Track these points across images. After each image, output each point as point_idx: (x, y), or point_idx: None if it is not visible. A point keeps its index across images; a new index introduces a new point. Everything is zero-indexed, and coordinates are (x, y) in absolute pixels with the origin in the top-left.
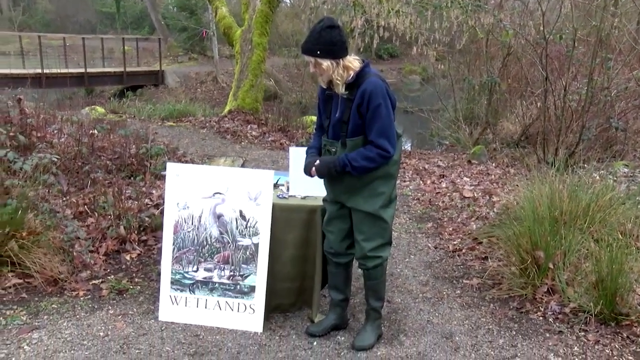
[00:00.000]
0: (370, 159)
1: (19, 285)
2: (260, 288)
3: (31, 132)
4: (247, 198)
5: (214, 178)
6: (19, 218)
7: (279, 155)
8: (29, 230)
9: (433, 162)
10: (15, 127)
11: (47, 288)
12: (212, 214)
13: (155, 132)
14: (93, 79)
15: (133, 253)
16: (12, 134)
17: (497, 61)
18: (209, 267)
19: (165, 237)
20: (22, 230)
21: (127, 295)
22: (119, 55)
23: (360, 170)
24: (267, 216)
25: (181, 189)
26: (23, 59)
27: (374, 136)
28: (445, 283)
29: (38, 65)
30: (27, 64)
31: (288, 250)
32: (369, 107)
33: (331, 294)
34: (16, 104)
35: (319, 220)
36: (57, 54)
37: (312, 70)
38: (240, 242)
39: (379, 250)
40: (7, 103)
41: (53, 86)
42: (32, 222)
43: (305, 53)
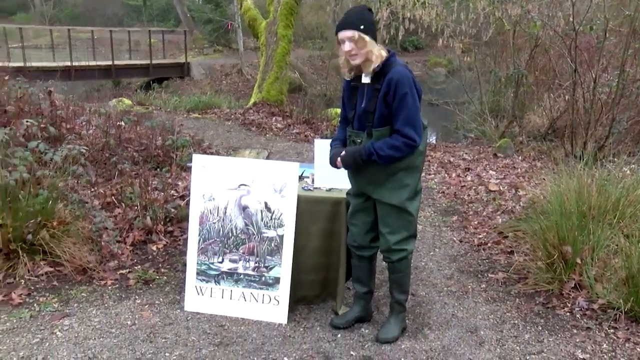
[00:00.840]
0: (396, 147)
1: (51, 274)
2: (284, 280)
3: (61, 124)
4: (272, 190)
5: (240, 170)
6: (50, 208)
7: (303, 148)
8: (59, 220)
9: (458, 155)
10: (46, 118)
11: (76, 277)
12: (237, 205)
13: (180, 124)
14: (120, 71)
15: (159, 244)
16: (43, 126)
17: (524, 53)
18: (234, 258)
19: (191, 228)
20: (52, 219)
21: (153, 285)
22: (145, 47)
23: (386, 159)
24: (292, 208)
25: (207, 181)
26: (53, 52)
27: (400, 125)
28: (470, 277)
29: (67, 58)
30: (57, 57)
31: (313, 242)
32: (396, 96)
33: (355, 287)
34: (47, 96)
35: (344, 212)
36: (85, 46)
37: (346, 49)
38: (265, 234)
39: (403, 243)
40: (39, 95)
41: (81, 78)
42: (62, 212)
43: (348, 27)
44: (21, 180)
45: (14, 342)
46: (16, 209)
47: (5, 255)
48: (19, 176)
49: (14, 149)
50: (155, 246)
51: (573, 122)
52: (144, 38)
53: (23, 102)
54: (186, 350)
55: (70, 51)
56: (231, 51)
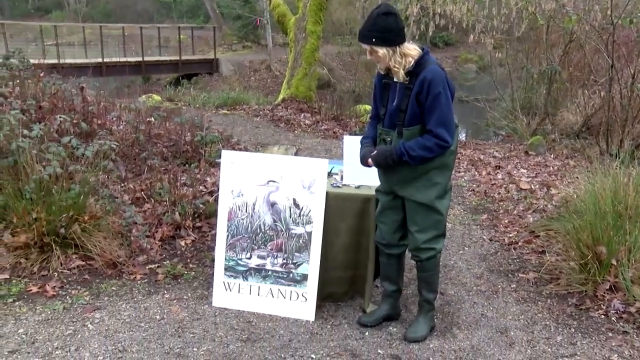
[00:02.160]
0: (428, 148)
1: (82, 267)
2: (312, 276)
3: (92, 120)
4: (300, 186)
5: (268, 166)
6: (82, 202)
7: (332, 144)
8: (90, 215)
9: (489, 152)
10: (78, 114)
11: (107, 270)
12: (266, 201)
13: (209, 120)
14: (150, 68)
15: (188, 239)
16: (76, 121)
17: (558, 49)
18: (262, 254)
19: (220, 224)
20: (84, 214)
21: (181, 281)
22: (175, 44)
23: (418, 160)
24: (320, 205)
25: (236, 177)
26: (85, 49)
27: (433, 125)
28: (500, 276)
29: (99, 54)
30: (89, 53)
31: (341, 239)
32: (429, 95)
33: (383, 285)
34: (79, 92)
35: (373, 209)
36: (116, 43)
37: (369, 57)
38: (294, 231)
39: (432, 242)
40: (72, 91)
41: (112, 74)
42: (93, 207)
43: (361, 41)
44: (54, 175)
45: (49, 333)
46: (50, 203)
47: (40, 248)
48: (52, 171)
49: (48, 144)
50: (184, 241)
51: (609, 119)
52: (174, 34)
53: (57, 98)
54: (214, 346)
55: (102, 48)
56: (260, 47)
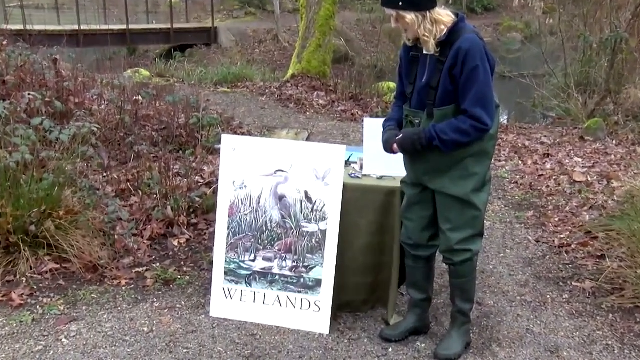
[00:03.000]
0: (463, 131)
1: (56, 271)
2: (327, 282)
3: (68, 98)
4: (313, 177)
5: (276, 153)
6: (56, 195)
7: (350, 128)
8: (66, 209)
9: (535, 138)
10: (51, 91)
11: (85, 275)
12: (273, 194)
13: (207, 99)
14: (136, 37)
15: (181, 238)
16: (48, 100)
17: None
18: (269, 256)
19: (219, 221)
20: (59, 208)
21: (174, 287)
22: (166, 9)
23: (450, 145)
24: (336, 198)
25: (238, 165)
26: (58, 14)
27: (469, 104)
28: (549, 285)
29: (74, 20)
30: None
31: (361, 238)
32: (464, 69)
33: (410, 293)
34: (52, 65)
35: (398, 204)
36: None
37: (394, 25)
38: (305, 228)
39: (468, 243)
40: (42, 64)
41: (91, 45)
42: (69, 200)
43: (385, 6)
44: (23, 163)
45: (14, 350)
46: (17, 196)
47: (5, 249)
48: (20, 158)
49: (15, 127)
50: (177, 241)
51: None
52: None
53: (24, 71)
54: None
55: (78, 12)
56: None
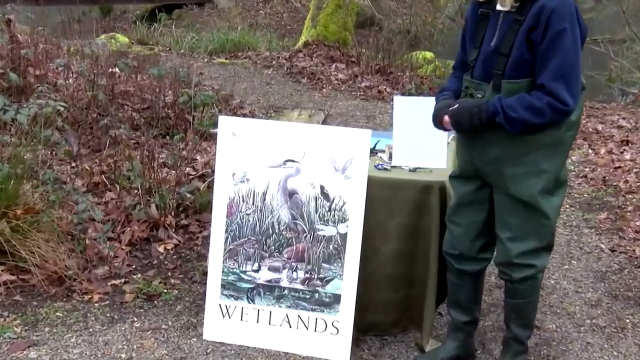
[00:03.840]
0: (537, 110)
1: (12, 284)
2: (348, 298)
3: (27, 69)
4: (331, 168)
5: (285, 139)
6: (12, 190)
7: (376, 108)
8: (25, 208)
9: (611, 120)
10: (4, 61)
11: (49, 288)
12: (281, 190)
13: (200, 72)
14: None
15: (168, 243)
16: (1, 71)
17: None
18: (276, 265)
19: (215, 222)
20: (15, 206)
21: (159, 303)
22: None
23: (518, 125)
24: (359, 195)
25: (238, 154)
26: None
27: (548, 78)
28: (628, 306)
29: None
30: None
31: (389, 244)
32: (547, 33)
33: (451, 313)
34: (4, 28)
35: (436, 202)
36: None
37: None
38: (321, 232)
39: (531, 257)
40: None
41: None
42: (29, 196)
43: None
44: None
45: None
46: None
47: None
48: None
49: None
50: (163, 247)
51: None
52: None
53: None
54: None
55: None
56: None
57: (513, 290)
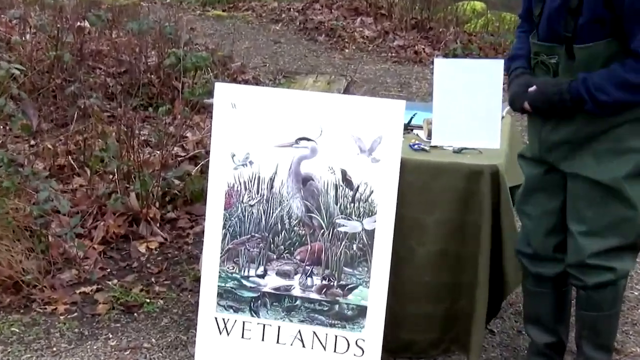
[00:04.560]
0: (634, 87)
1: None
2: (375, 311)
3: None
4: (355, 149)
5: (298, 112)
6: None
7: (412, 74)
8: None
9: None
10: None
11: (2, 297)
12: (293, 175)
13: (191, 27)
14: None
15: (152, 241)
16: None
17: None
18: (286, 269)
19: (211, 216)
20: None
21: (140, 315)
22: None
23: (610, 108)
24: (391, 182)
25: (239, 131)
26: None
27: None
28: None
29: None
30: None
31: (428, 245)
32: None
33: (529, 333)
34: None
35: (487, 192)
36: None
37: None
38: (343, 227)
39: (611, 258)
40: None
41: None
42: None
43: None
44: None
45: None
46: None
47: None
48: None
49: None
50: (145, 246)
51: None
52: None
53: None
54: None
55: None
56: None
57: (586, 300)
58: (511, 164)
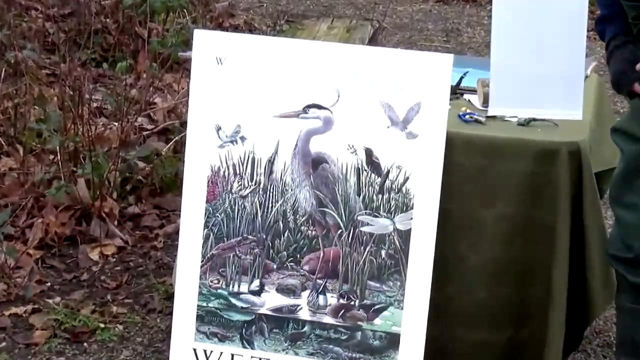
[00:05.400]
0: None
1: None
2: (412, 340)
3: None
4: (384, 120)
5: (306, 70)
6: None
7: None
8: None
9: None
10: None
11: None
12: (299, 156)
13: None
14: None
15: (107, 245)
16: None
17: None
18: (291, 283)
19: (188, 210)
20: None
21: (92, 345)
22: None
23: None
24: (433, 165)
25: (227, 95)
26: None
27: None
28: None
29: None
30: None
31: (484, 251)
32: None
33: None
34: None
35: (565, 178)
36: None
37: None
38: (367, 227)
39: None
40: None
41: None
42: None
43: None
44: None
45: None
46: None
47: None
48: None
49: None
50: (99, 251)
51: None
52: None
53: None
54: None
55: None
56: None
57: None
58: (598, 140)
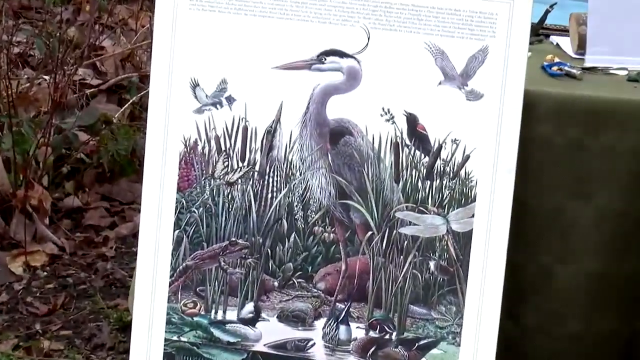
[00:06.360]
0: None
1: None
2: None
3: None
4: (435, 73)
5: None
6: None
7: None
8: None
9: None
10: None
11: None
12: (311, 124)
13: None
14: None
15: (35, 252)
16: None
17: None
18: (299, 308)
19: (150, 203)
20: None
21: None
22: None
23: None
24: (505, 139)
25: (206, 37)
26: None
27: None
28: None
29: None
30: None
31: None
32: None
33: None
34: None
35: None
36: None
37: None
38: (409, 228)
39: None
40: None
41: None
42: None
43: None
44: None
45: None
46: None
47: None
48: None
49: None
50: (23, 261)
51: None
52: None
53: None
54: None
55: None
56: None
57: None
58: None
